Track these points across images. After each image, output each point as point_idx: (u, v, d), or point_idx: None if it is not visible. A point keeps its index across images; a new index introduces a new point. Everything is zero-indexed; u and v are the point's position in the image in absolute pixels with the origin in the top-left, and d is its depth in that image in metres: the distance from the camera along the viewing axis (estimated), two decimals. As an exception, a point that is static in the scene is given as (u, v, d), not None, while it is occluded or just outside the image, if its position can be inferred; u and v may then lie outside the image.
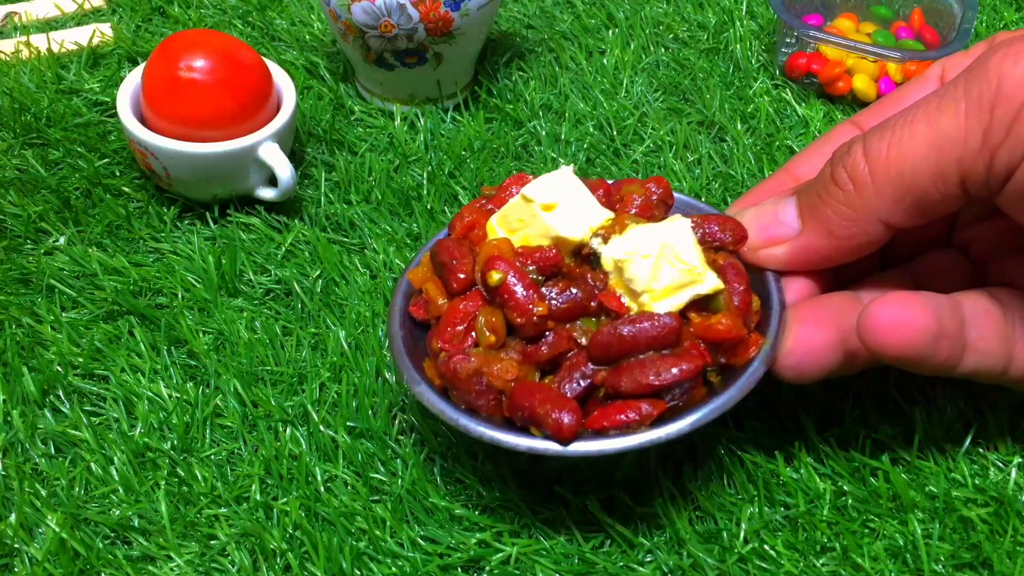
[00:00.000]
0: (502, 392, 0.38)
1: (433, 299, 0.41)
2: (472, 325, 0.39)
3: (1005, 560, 0.41)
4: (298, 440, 0.45)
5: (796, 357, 0.39)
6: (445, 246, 0.41)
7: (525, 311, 0.37)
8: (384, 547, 0.41)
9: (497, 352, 0.38)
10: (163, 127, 0.53)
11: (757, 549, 0.41)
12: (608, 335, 0.37)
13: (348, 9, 0.58)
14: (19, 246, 0.54)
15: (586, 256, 0.40)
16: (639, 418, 0.37)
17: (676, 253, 0.38)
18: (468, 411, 0.38)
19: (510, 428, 0.38)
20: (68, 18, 0.70)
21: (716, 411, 0.38)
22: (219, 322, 0.50)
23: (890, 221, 0.37)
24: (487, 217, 0.42)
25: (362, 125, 0.63)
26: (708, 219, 0.41)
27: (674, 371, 0.37)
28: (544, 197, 0.40)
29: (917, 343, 0.36)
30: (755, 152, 0.61)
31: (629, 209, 0.41)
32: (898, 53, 0.63)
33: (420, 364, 0.40)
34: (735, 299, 0.39)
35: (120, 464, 0.44)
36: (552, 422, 0.36)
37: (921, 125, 0.35)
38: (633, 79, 0.66)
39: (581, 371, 0.38)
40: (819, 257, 0.40)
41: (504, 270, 0.38)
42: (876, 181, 0.37)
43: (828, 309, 0.39)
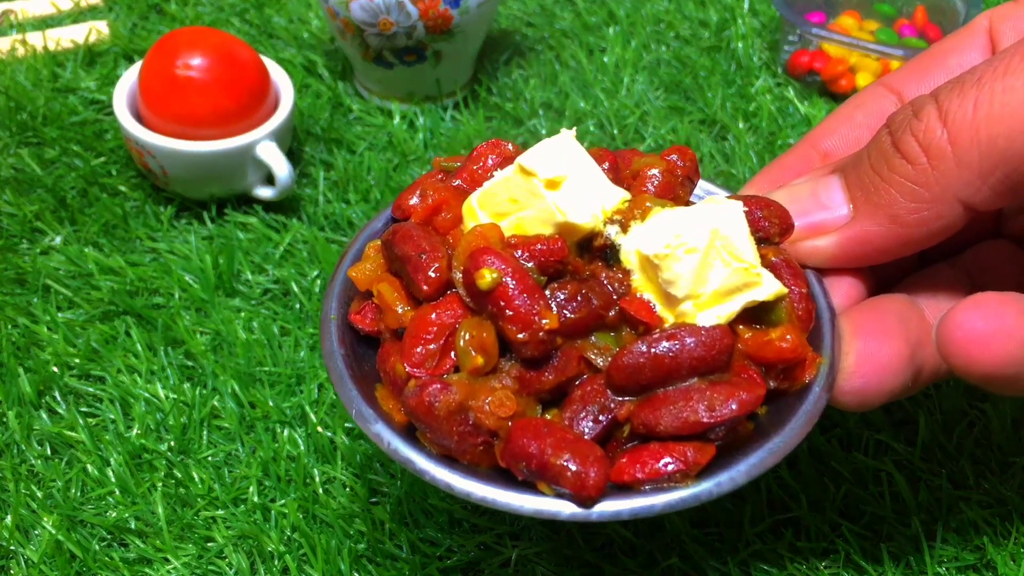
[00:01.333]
0: (494, 434, 0.29)
1: (390, 305, 0.31)
2: (450, 342, 0.29)
3: (1009, 562, 0.41)
4: (296, 441, 0.45)
5: (862, 379, 0.31)
6: (407, 234, 0.31)
7: (529, 324, 0.28)
8: (383, 549, 0.41)
9: (486, 379, 0.29)
10: (160, 125, 0.53)
11: (759, 551, 0.41)
12: (639, 355, 0.28)
13: (346, 7, 0.57)
14: (15, 246, 0.53)
15: (599, 249, 0.31)
16: (684, 468, 0.28)
17: (729, 246, 0.29)
18: (444, 457, 0.30)
19: (505, 480, 0.29)
20: (64, 16, 0.69)
21: (775, 455, 0.29)
22: (216, 322, 0.50)
23: (972, 201, 0.30)
24: (458, 197, 0.33)
25: (361, 124, 0.62)
26: (750, 203, 0.32)
27: (732, 405, 0.28)
28: (549, 170, 0.30)
29: (1017, 357, 0.29)
30: (757, 151, 0.60)
31: (646, 187, 0.32)
32: (901, 51, 0.63)
33: (371, 392, 0.31)
34: (797, 307, 0.31)
35: (116, 465, 0.43)
36: (572, 477, 0.27)
37: (1018, 79, 0.28)
38: (634, 77, 0.66)
39: (600, 403, 0.29)
40: (876, 250, 0.32)
41: (499, 268, 0.28)
42: (959, 150, 0.29)
43: (891, 317, 0.32)
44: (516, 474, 0.28)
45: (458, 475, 0.29)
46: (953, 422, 0.45)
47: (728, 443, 0.29)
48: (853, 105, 0.38)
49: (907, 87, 0.37)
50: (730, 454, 0.29)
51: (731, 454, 0.29)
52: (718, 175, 0.59)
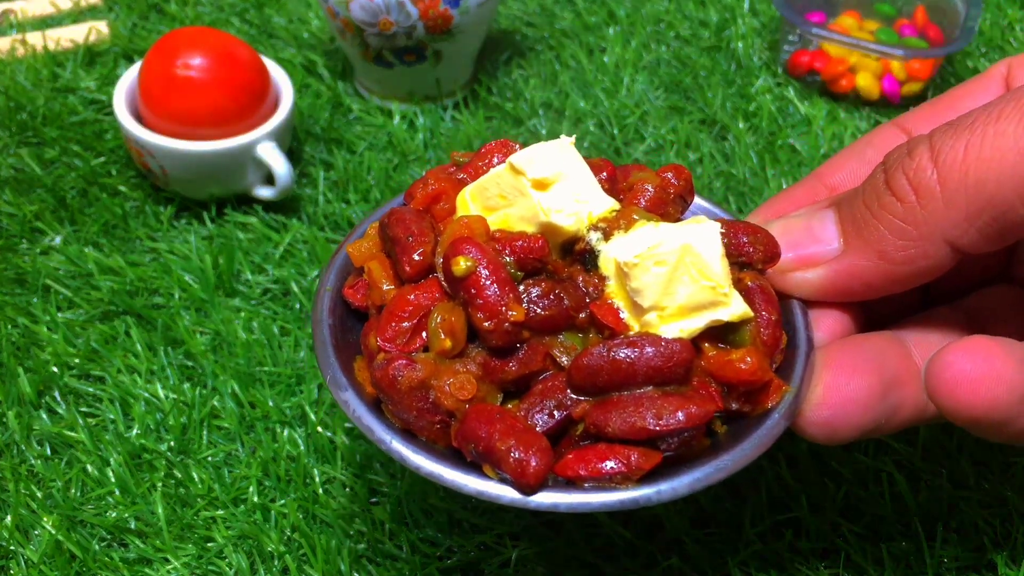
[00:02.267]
0: (452, 414, 0.30)
1: (377, 283, 0.32)
2: (423, 323, 0.31)
3: (1010, 563, 0.41)
4: (296, 441, 0.45)
5: (828, 410, 0.31)
6: (400, 217, 0.32)
7: (496, 314, 0.29)
8: (383, 549, 0.41)
9: (452, 362, 0.30)
10: (160, 125, 0.53)
11: (759, 551, 0.41)
12: (598, 358, 0.29)
13: (346, 6, 0.57)
14: (14, 245, 0.53)
15: (579, 253, 0.32)
16: (626, 471, 0.29)
17: (700, 264, 0.30)
18: (404, 431, 0.31)
19: (457, 461, 0.30)
20: (64, 15, 0.69)
21: (722, 471, 0.29)
22: (216, 322, 0.50)
23: (959, 243, 0.30)
24: (458, 188, 0.34)
25: (361, 123, 0.62)
26: (735, 227, 0.33)
27: (679, 416, 0.29)
28: (538, 171, 0.31)
29: (1004, 402, 0.29)
30: (757, 151, 0.60)
31: (638, 201, 0.33)
32: (901, 51, 0.63)
33: (350, 362, 0.33)
34: (763, 332, 0.31)
35: (116, 465, 0.43)
36: (513, 463, 0.28)
37: (1010, 124, 0.29)
38: (634, 77, 0.66)
39: (557, 399, 0.30)
40: (863, 285, 0.32)
41: (475, 257, 0.30)
42: (947, 191, 0.30)
43: (866, 352, 0.32)
44: (465, 455, 0.30)
45: (412, 449, 0.30)
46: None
47: (681, 456, 0.30)
48: (864, 142, 0.38)
49: (918, 128, 0.37)
50: (681, 466, 0.30)
51: (683, 467, 0.30)
52: (718, 175, 0.59)
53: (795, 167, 0.60)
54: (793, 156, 0.60)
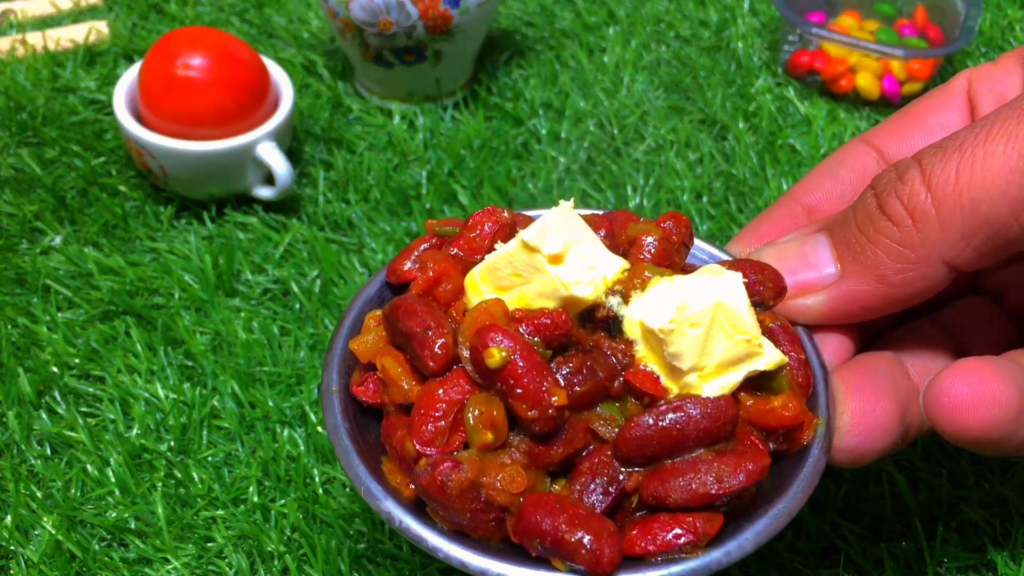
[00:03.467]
0: (506, 509, 0.29)
1: (395, 381, 0.31)
2: (459, 418, 0.29)
3: (1009, 563, 0.41)
4: (296, 441, 0.45)
5: (857, 438, 0.32)
6: (412, 309, 0.31)
7: (539, 401, 0.28)
8: (383, 549, 0.41)
9: (496, 455, 0.29)
10: (160, 125, 0.53)
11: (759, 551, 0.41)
12: (647, 428, 0.29)
13: (346, 6, 0.57)
14: (14, 245, 0.53)
15: (601, 321, 0.31)
16: (695, 539, 0.28)
17: (733, 318, 0.30)
18: (455, 533, 0.30)
19: (517, 555, 0.29)
20: (64, 15, 0.69)
21: (781, 520, 0.29)
22: (216, 322, 0.50)
23: (956, 262, 0.31)
24: (457, 267, 0.33)
25: (361, 123, 0.62)
26: (743, 267, 0.32)
27: (740, 476, 0.28)
28: (552, 246, 0.30)
29: (1000, 422, 0.30)
30: (757, 151, 0.60)
31: (644, 256, 0.33)
32: (901, 51, 0.63)
33: (377, 465, 0.31)
34: (797, 375, 0.31)
35: (116, 465, 0.43)
36: (587, 555, 0.27)
37: (999, 144, 0.29)
38: (634, 77, 0.66)
39: (608, 475, 0.29)
40: (863, 308, 0.33)
41: (507, 347, 0.28)
42: (942, 214, 0.30)
43: (881, 376, 0.33)
44: (530, 551, 0.28)
45: (471, 552, 0.29)
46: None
47: (733, 508, 0.30)
48: (836, 162, 0.39)
49: (888, 145, 0.38)
50: (735, 519, 0.29)
51: (736, 520, 0.29)
52: (718, 175, 0.59)
53: (795, 167, 0.60)
54: (793, 156, 0.60)
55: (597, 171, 0.59)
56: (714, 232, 0.55)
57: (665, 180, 0.58)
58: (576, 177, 0.59)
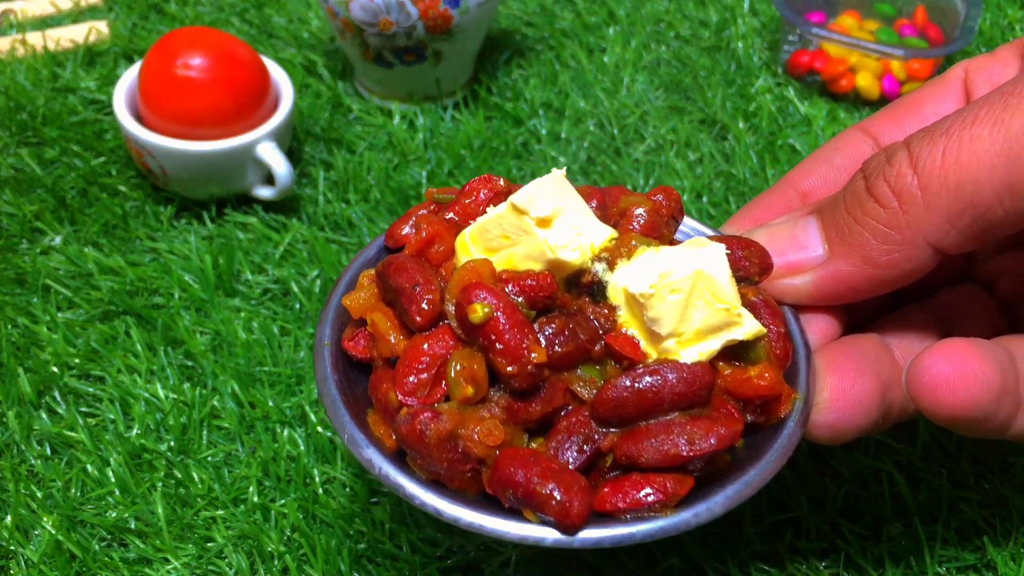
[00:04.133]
0: (482, 461, 0.30)
1: (383, 335, 0.32)
2: (442, 372, 0.30)
3: (1009, 563, 0.41)
4: (296, 441, 0.45)
5: (835, 414, 0.32)
6: (401, 266, 0.32)
7: (519, 357, 0.29)
8: (383, 549, 0.41)
9: (475, 408, 0.30)
10: (160, 125, 0.53)
11: (759, 551, 0.41)
12: (623, 390, 0.30)
13: (346, 6, 0.57)
14: (14, 245, 0.53)
15: (586, 285, 0.32)
16: (664, 499, 0.29)
17: (713, 287, 0.30)
18: (433, 483, 0.30)
19: (492, 507, 0.30)
20: (64, 15, 0.69)
21: (751, 487, 0.30)
22: (216, 322, 0.50)
23: (941, 244, 0.31)
24: (451, 230, 0.34)
25: (361, 123, 0.62)
26: (730, 243, 0.33)
27: (711, 440, 0.29)
28: (540, 209, 0.31)
29: (981, 401, 0.30)
30: (757, 151, 0.60)
31: (633, 226, 0.33)
32: (901, 51, 0.63)
33: (362, 416, 0.32)
34: (775, 346, 0.32)
35: (116, 466, 0.43)
36: (556, 506, 0.28)
37: (984, 127, 0.30)
38: (634, 77, 0.66)
39: (584, 434, 0.30)
40: (850, 289, 0.33)
41: (491, 303, 0.29)
42: (928, 196, 0.31)
43: (863, 355, 0.33)
44: (503, 501, 0.29)
45: (447, 501, 0.30)
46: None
47: (706, 474, 0.30)
48: (831, 148, 0.39)
49: (883, 132, 0.38)
50: (708, 485, 0.30)
51: (708, 485, 0.30)
52: (718, 175, 0.59)
53: (795, 167, 0.60)
54: (793, 156, 0.60)
55: (597, 171, 0.59)
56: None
57: (665, 180, 0.58)
58: (576, 177, 0.59)
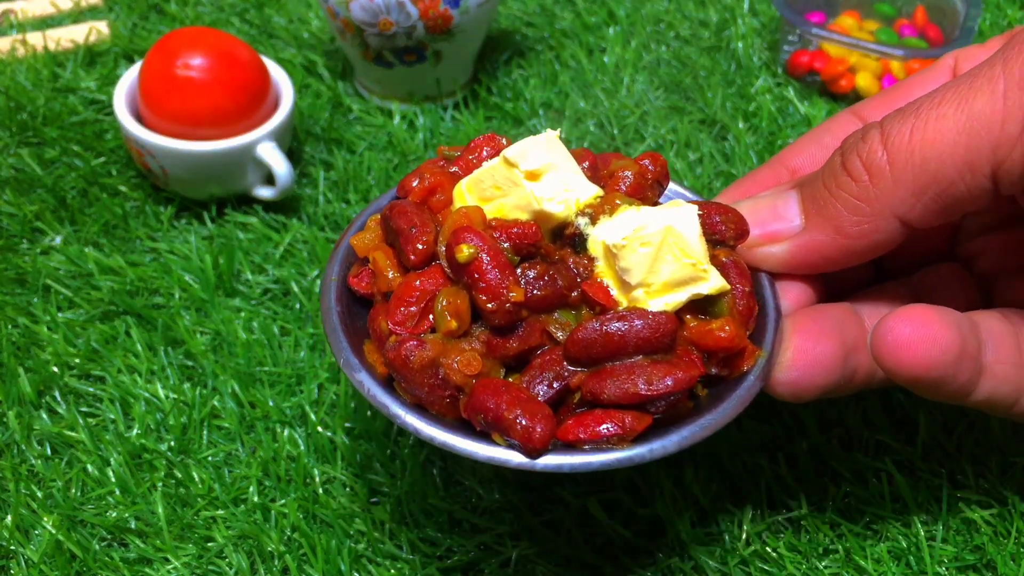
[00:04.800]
0: (460, 388, 0.32)
1: (382, 271, 0.35)
2: (430, 306, 0.33)
3: (1009, 562, 0.41)
4: (296, 441, 0.45)
5: (796, 372, 0.34)
6: (402, 210, 0.35)
7: (498, 295, 0.32)
8: (383, 549, 0.41)
9: (458, 341, 0.33)
10: (160, 125, 0.53)
11: (759, 551, 0.41)
12: (592, 332, 0.32)
13: (346, 7, 0.57)
14: (15, 245, 0.53)
15: (569, 237, 0.35)
16: (621, 432, 0.32)
17: (682, 243, 0.33)
18: (416, 406, 0.33)
19: (466, 431, 0.33)
20: (64, 15, 0.69)
21: (706, 429, 0.32)
22: (216, 322, 0.50)
23: (907, 217, 0.33)
24: (452, 181, 0.36)
25: (361, 123, 0.62)
26: (708, 207, 0.35)
27: (668, 381, 0.31)
28: (529, 163, 0.34)
29: (940, 362, 0.32)
30: (757, 151, 0.60)
31: (619, 187, 0.36)
32: (901, 51, 0.63)
33: (360, 346, 0.35)
34: (738, 303, 0.34)
35: (116, 465, 0.43)
36: (521, 430, 0.31)
37: (950, 108, 0.31)
38: (634, 77, 0.66)
39: (555, 371, 0.33)
40: (823, 258, 0.36)
41: (477, 245, 0.32)
42: (895, 171, 0.32)
43: (830, 320, 0.35)
44: (475, 425, 0.32)
45: (425, 422, 0.32)
46: (953, 422, 0.45)
47: (669, 417, 0.33)
48: (822, 129, 0.41)
49: (873, 116, 0.40)
50: (668, 427, 0.32)
51: (669, 427, 0.32)
52: (718, 175, 0.59)
53: (795, 167, 0.60)
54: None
55: (597, 171, 0.59)
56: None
57: (665, 180, 0.58)
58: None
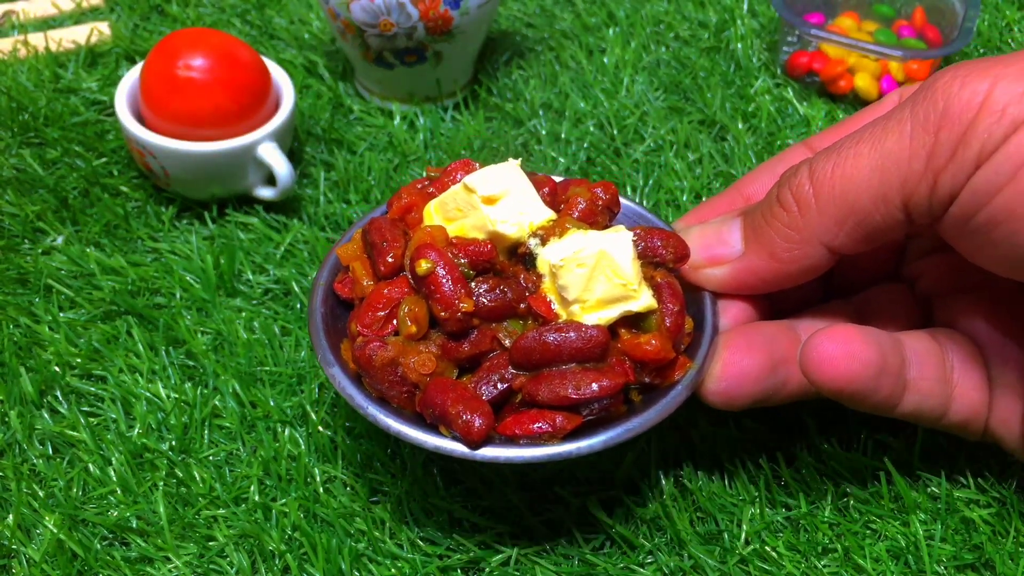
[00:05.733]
0: (416, 386, 0.36)
1: (359, 279, 0.39)
2: (394, 312, 0.37)
3: (1007, 561, 0.41)
4: (297, 441, 0.45)
5: (725, 382, 0.38)
6: (377, 226, 0.39)
7: (450, 305, 0.36)
8: (383, 548, 0.41)
9: (416, 344, 0.37)
10: (161, 126, 0.53)
11: (758, 550, 0.41)
12: (532, 341, 0.36)
13: (347, 8, 0.58)
14: (16, 246, 0.53)
15: (522, 255, 0.39)
16: (552, 430, 0.36)
17: (613, 266, 0.36)
18: (379, 400, 0.37)
19: (420, 423, 0.37)
20: (66, 16, 0.70)
21: (630, 432, 0.36)
22: (217, 322, 0.50)
23: (832, 245, 0.37)
24: (426, 200, 0.40)
25: (361, 124, 0.62)
26: (651, 233, 0.39)
27: (594, 387, 0.35)
28: (487, 189, 0.38)
29: (860, 377, 0.36)
30: (756, 151, 0.61)
31: (572, 212, 0.40)
32: (900, 52, 0.63)
33: (338, 344, 0.39)
34: (667, 320, 0.38)
35: (118, 465, 0.43)
36: (462, 424, 0.35)
37: (866, 146, 0.35)
38: (634, 78, 0.66)
39: (500, 374, 0.37)
40: (759, 280, 0.39)
41: (434, 260, 0.36)
42: (819, 203, 0.36)
43: (760, 336, 0.39)
44: (426, 418, 0.36)
45: (383, 413, 0.37)
46: (952, 421, 0.45)
47: (603, 419, 0.37)
48: (776, 159, 0.45)
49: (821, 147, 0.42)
50: (601, 428, 0.36)
51: (602, 428, 0.36)
52: (717, 175, 0.59)
53: (794, 168, 0.60)
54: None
55: (597, 171, 0.59)
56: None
57: (664, 180, 0.58)
58: (576, 177, 0.59)
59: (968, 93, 0.32)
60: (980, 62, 0.33)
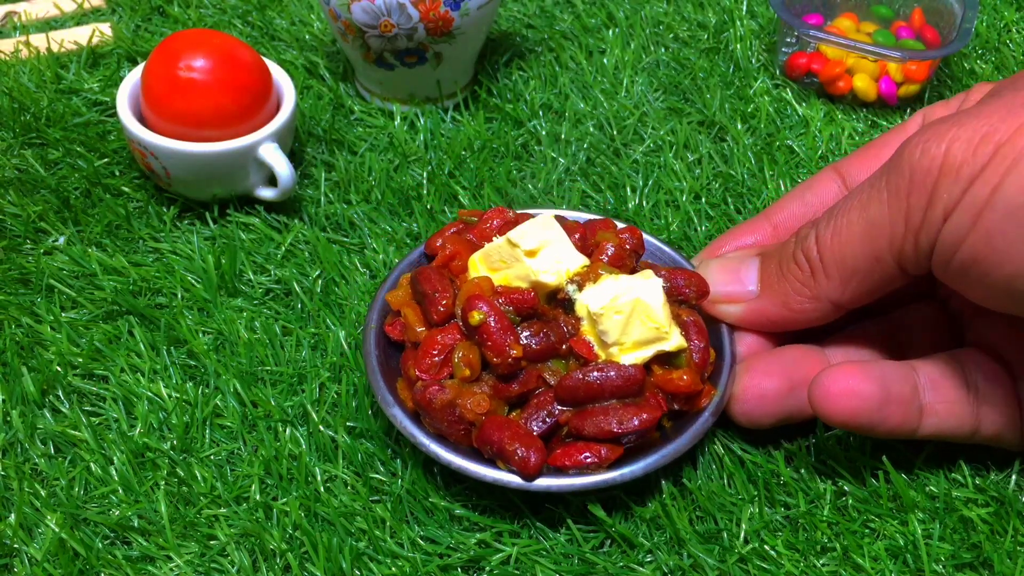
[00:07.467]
0: (472, 424, 0.40)
1: (411, 325, 0.43)
2: (449, 357, 0.41)
3: (1006, 560, 0.41)
4: (298, 440, 0.45)
5: (745, 404, 0.42)
6: (427, 276, 0.43)
7: (502, 352, 0.39)
8: (384, 547, 0.41)
9: (470, 386, 0.40)
10: (163, 127, 0.53)
11: (757, 549, 0.41)
12: (576, 380, 0.40)
13: (348, 9, 0.58)
14: (18, 246, 0.54)
15: (560, 301, 0.42)
16: (598, 461, 0.40)
17: (648, 311, 0.40)
18: (438, 437, 0.41)
19: (477, 457, 0.40)
20: (67, 18, 0.70)
21: (666, 458, 0.40)
22: (219, 322, 0.50)
23: (839, 301, 0.41)
24: (468, 249, 0.44)
25: (362, 125, 0.63)
26: (675, 273, 0.44)
27: (635, 421, 0.39)
28: (528, 243, 0.42)
29: (863, 411, 0.39)
30: (755, 152, 0.61)
31: (602, 257, 0.44)
32: (898, 53, 0.63)
33: (393, 384, 0.43)
34: (695, 356, 0.42)
35: (120, 464, 0.44)
36: (519, 459, 0.39)
37: (855, 214, 0.39)
38: (633, 79, 0.66)
39: (548, 410, 0.40)
40: (769, 322, 0.44)
41: (485, 311, 0.40)
42: (826, 267, 0.40)
43: (778, 362, 0.43)
44: (484, 453, 0.40)
45: (444, 449, 0.41)
46: (950, 421, 0.46)
47: (640, 446, 0.41)
48: (805, 186, 0.47)
49: (851, 173, 0.46)
50: (640, 455, 0.40)
51: (640, 455, 0.40)
52: (716, 176, 0.59)
53: (793, 168, 0.60)
54: (791, 157, 0.61)
55: (596, 172, 0.60)
56: (712, 232, 0.56)
57: (664, 181, 0.59)
58: (576, 178, 0.59)
59: (928, 160, 0.36)
60: (940, 125, 0.36)
